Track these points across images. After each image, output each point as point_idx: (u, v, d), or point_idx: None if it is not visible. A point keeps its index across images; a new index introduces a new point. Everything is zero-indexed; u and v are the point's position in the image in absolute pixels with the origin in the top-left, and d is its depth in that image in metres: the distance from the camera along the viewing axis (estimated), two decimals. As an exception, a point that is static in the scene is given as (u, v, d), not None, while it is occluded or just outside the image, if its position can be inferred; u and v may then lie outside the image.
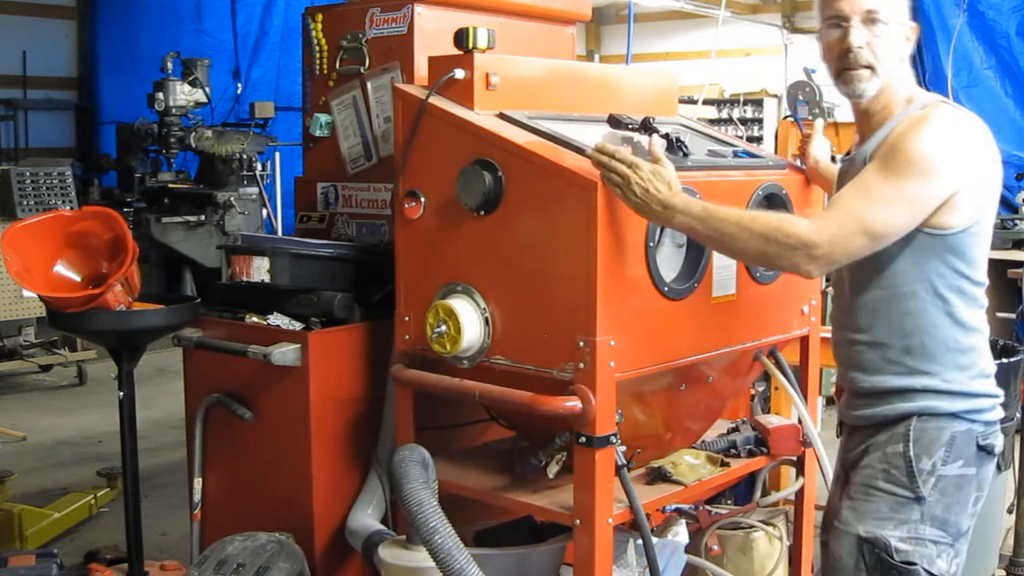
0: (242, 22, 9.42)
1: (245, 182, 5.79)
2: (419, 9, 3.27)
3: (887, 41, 2.33)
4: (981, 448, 2.31)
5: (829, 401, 5.83)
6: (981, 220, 2.31)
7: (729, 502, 3.78)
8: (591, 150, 2.50)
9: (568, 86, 3.12)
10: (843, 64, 2.36)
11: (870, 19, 2.33)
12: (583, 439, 2.57)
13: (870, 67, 2.34)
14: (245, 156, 5.73)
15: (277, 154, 7.06)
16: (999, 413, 2.38)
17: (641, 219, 2.62)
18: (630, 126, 2.90)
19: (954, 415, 2.30)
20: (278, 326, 3.19)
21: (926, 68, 7.52)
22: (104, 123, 9.84)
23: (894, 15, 2.34)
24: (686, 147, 2.88)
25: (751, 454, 3.11)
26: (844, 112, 5.13)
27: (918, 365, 2.32)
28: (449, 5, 3.34)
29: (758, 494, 3.58)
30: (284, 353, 3.07)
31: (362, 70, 3.42)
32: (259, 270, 3.20)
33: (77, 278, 3.26)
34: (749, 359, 3.09)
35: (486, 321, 2.74)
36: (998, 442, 2.35)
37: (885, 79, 2.36)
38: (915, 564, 2.26)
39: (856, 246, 2.22)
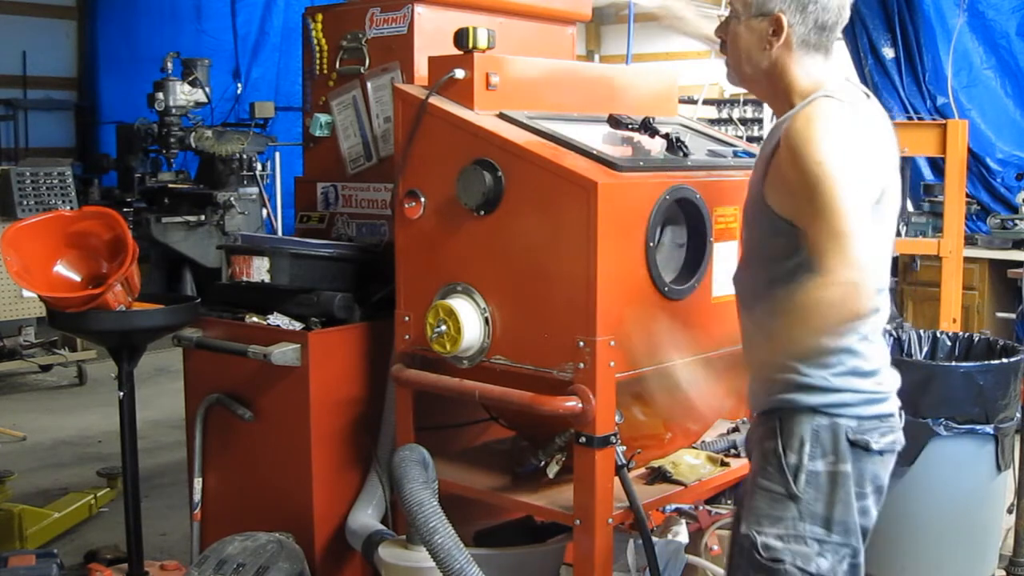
0: (242, 22, 9.40)
1: (245, 182, 5.77)
2: (419, 9, 3.27)
3: (735, 33, 2.34)
4: (854, 444, 2.23)
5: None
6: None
7: (729, 502, 3.78)
8: None
9: (568, 86, 3.12)
10: None
11: (730, 12, 2.37)
12: (583, 439, 2.57)
13: (726, 56, 2.40)
14: (245, 156, 5.71)
15: (277, 154, 7.05)
16: (885, 408, 2.29)
17: (641, 219, 2.63)
18: (630, 126, 2.90)
19: (813, 409, 2.24)
20: (278, 326, 3.19)
21: (926, 68, 7.52)
22: (104, 123, 9.83)
23: (747, 7, 2.31)
24: (686, 147, 2.89)
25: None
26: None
27: (780, 361, 2.27)
28: (449, 5, 3.34)
29: (758, 494, 3.57)
30: (284, 353, 3.07)
31: (362, 70, 3.42)
32: (259, 270, 3.20)
33: (77, 278, 3.26)
34: (749, 359, 3.09)
35: (486, 321, 2.74)
36: (881, 439, 2.26)
37: (741, 71, 2.36)
38: (782, 561, 2.22)
39: (860, 283, 2.07)
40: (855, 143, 2.17)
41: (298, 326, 3.18)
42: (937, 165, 5.34)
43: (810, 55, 2.32)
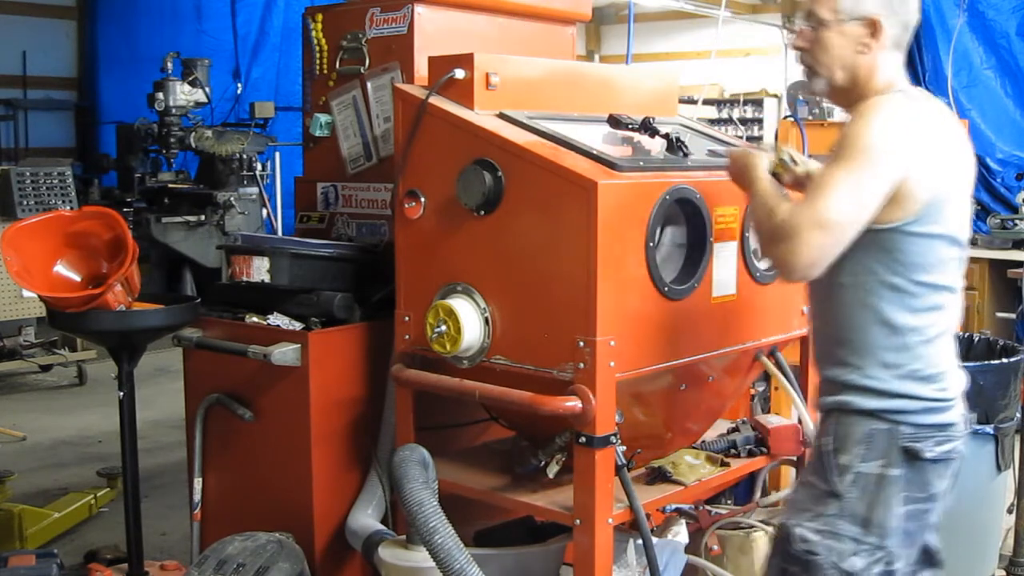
0: (242, 22, 9.40)
1: (245, 182, 5.78)
2: (419, 9, 3.27)
3: (825, 41, 2.33)
4: (906, 451, 2.24)
5: (829, 401, 5.81)
6: (927, 218, 2.22)
7: (729, 502, 3.78)
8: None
9: (568, 86, 3.12)
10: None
11: (808, 21, 2.36)
12: (583, 439, 2.57)
13: (810, 67, 2.38)
14: (245, 156, 5.72)
15: (277, 154, 7.04)
16: (946, 417, 2.29)
17: (641, 219, 2.63)
18: (630, 126, 2.90)
19: (871, 413, 2.26)
20: (278, 326, 3.19)
21: (926, 68, 7.52)
22: (104, 123, 9.84)
23: (836, 13, 2.32)
24: (686, 147, 2.89)
25: (751, 454, 3.11)
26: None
27: (847, 357, 2.30)
28: (449, 5, 3.34)
29: (758, 494, 3.58)
30: (284, 353, 3.07)
31: (362, 70, 3.42)
32: (259, 270, 3.20)
33: (77, 278, 3.26)
34: (749, 359, 3.09)
35: (486, 321, 2.74)
36: (936, 448, 2.26)
37: (833, 78, 2.35)
38: (817, 555, 2.24)
39: (819, 241, 2.15)
40: (910, 139, 2.20)
41: (298, 326, 3.18)
42: (937, 165, 5.34)
43: (893, 55, 2.36)
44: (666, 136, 2.89)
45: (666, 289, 2.70)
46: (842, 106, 2.43)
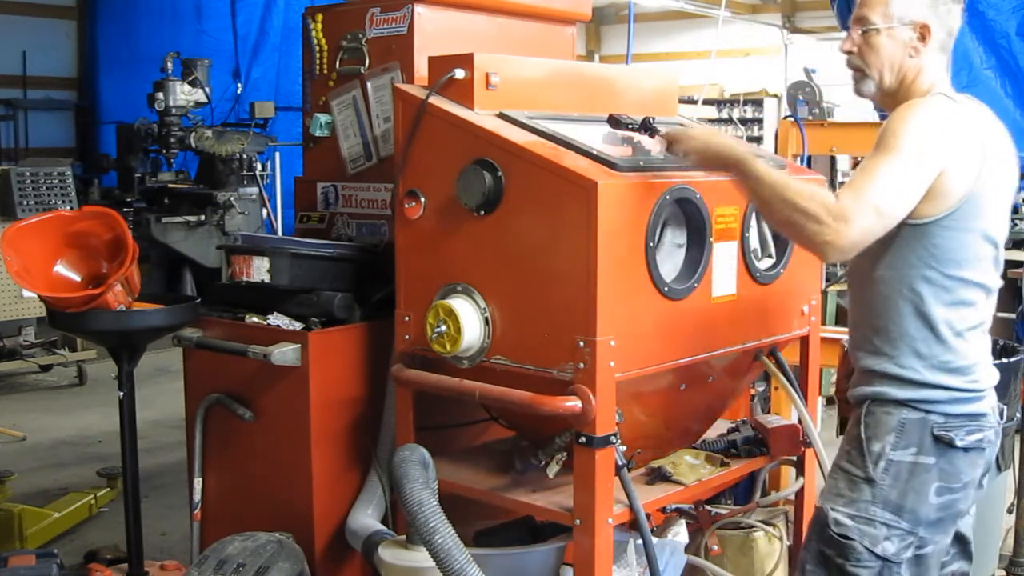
0: (242, 22, 9.40)
1: (245, 182, 5.79)
2: (419, 9, 3.27)
3: (875, 44, 2.41)
4: (938, 439, 2.33)
5: (829, 401, 5.83)
6: (962, 214, 2.31)
7: (729, 502, 3.78)
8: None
9: (568, 86, 3.12)
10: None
11: (859, 25, 2.43)
12: (583, 439, 2.57)
13: (860, 70, 2.46)
14: (245, 156, 5.72)
15: (277, 154, 7.05)
16: (977, 407, 2.39)
17: (641, 219, 2.63)
18: (630, 126, 2.90)
19: (903, 403, 2.35)
20: (278, 326, 3.19)
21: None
22: (104, 123, 9.85)
23: (887, 18, 2.40)
24: (686, 147, 2.88)
25: (751, 454, 3.11)
26: (844, 112, 5.14)
27: (882, 346, 2.39)
28: (449, 5, 3.34)
29: (758, 494, 3.58)
30: (284, 353, 3.07)
31: (362, 70, 3.42)
32: (259, 270, 3.20)
33: (77, 278, 3.26)
34: (749, 359, 3.09)
35: (486, 321, 2.74)
36: (968, 437, 2.35)
37: (883, 80, 2.43)
38: (852, 539, 2.32)
39: (868, 224, 2.22)
40: (947, 136, 2.28)
41: (298, 326, 3.18)
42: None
43: (939, 59, 2.45)
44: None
45: (666, 289, 2.70)
46: (888, 108, 2.48)
